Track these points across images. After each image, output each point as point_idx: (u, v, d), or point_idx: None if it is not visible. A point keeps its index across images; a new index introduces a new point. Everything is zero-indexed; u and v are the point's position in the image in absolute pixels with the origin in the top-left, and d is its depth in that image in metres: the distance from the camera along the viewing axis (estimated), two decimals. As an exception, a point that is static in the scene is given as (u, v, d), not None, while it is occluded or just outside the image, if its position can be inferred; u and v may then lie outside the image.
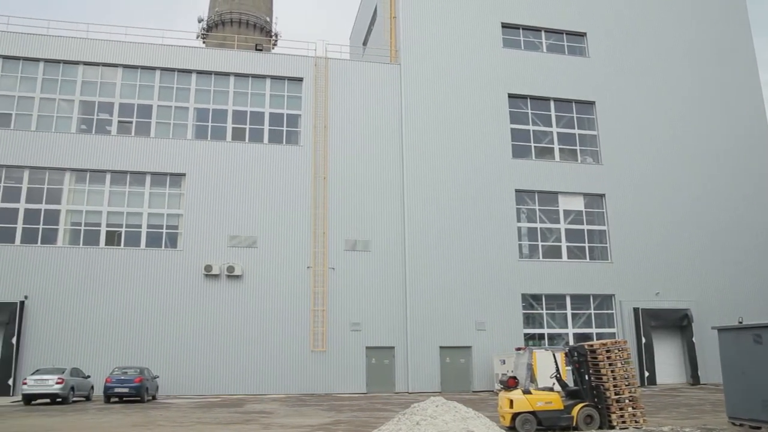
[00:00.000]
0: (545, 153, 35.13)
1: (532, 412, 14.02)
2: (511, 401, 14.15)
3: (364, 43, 43.59)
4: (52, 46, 31.87)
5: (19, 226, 29.76)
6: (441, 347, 30.74)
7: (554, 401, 14.26)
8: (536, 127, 35.22)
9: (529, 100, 35.37)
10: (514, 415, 14.03)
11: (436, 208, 32.29)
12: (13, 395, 26.56)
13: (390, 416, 16.24)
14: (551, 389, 14.93)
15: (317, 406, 22.20)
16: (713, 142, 36.88)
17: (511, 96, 34.90)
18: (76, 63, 32.02)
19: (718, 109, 37.58)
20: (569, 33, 37.17)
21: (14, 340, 27.62)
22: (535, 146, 34.93)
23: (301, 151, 32.24)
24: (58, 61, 31.92)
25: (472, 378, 30.67)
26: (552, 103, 35.65)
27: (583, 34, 37.20)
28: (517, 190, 33.60)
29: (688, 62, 37.94)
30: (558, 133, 35.37)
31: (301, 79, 33.32)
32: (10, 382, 27.13)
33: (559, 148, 35.20)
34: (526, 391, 14.27)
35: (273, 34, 64.96)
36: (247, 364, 29.13)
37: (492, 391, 29.65)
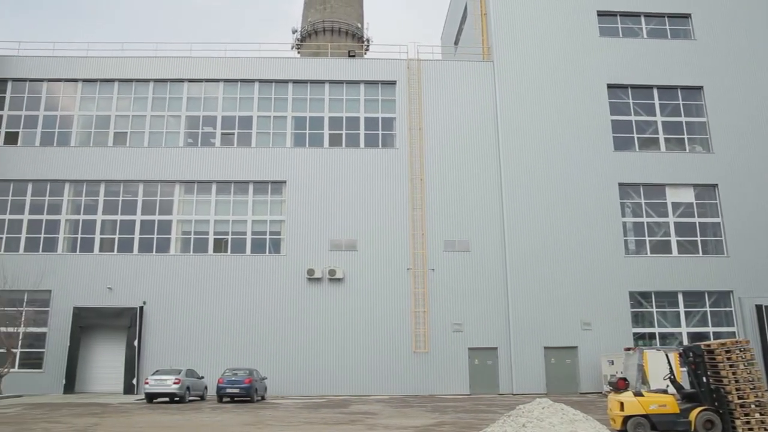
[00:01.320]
0: (649, 144, 33.54)
1: (645, 416, 13.35)
2: (622, 404, 13.54)
3: (456, 43, 43.35)
4: (160, 66, 33.84)
5: (137, 236, 31.76)
6: (545, 347, 30.01)
7: (669, 404, 13.49)
8: (639, 117, 33.69)
9: (630, 89, 33.89)
10: (626, 419, 13.43)
11: (536, 205, 31.58)
12: (137, 393, 28.37)
13: (495, 418, 15.99)
14: (665, 391, 14.13)
15: (421, 408, 22.23)
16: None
17: (610, 86, 33.59)
18: (182, 81, 33.81)
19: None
20: (672, 15, 35.31)
21: (136, 343, 29.54)
22: (638, 137, 33.42)
23: (397, 154, 32.47)
24: (165, 80, 33.83)
25: (579, 379, 29.73)
26: (655, 91, 33.99)
27: (687, 16, 35.23)
28: (620, 184, 32.26)
29: (807, 38, 35.08)
30: (663, 122, 33.68)
31: (394, 83, 33.58)
32: (134, 381, 29.05)
33: (665, 138, 33.49)
34: (638, 394, 13.62)
35: (365, 39, 65.90)
36: (350, 366, 29.64)
37: (600, 393, 28.60)
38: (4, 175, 32.45)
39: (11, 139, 33.45)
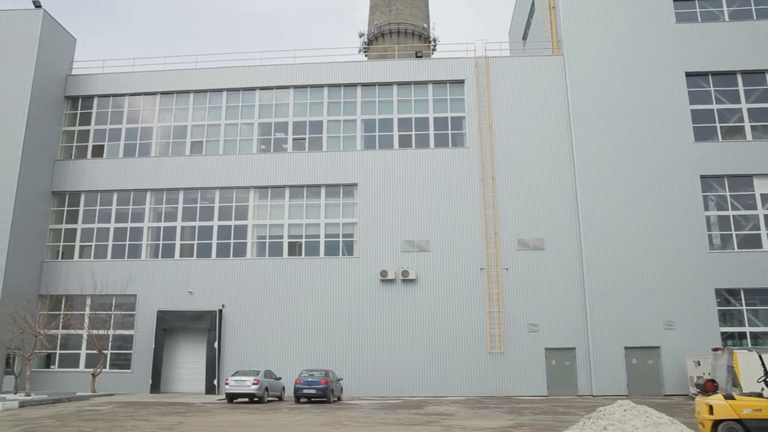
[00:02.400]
0: (734, 133, 31.86)
1: (738, 420, 12.58)
2: (711, 407, 12.84)
3: (524, 38, 42.61)
4: (232, 76, 34.84)
5: (214, 241, 32.78)
6: (626, 347, 28.99)
7: (766, 408, 12.69)
8: (721, 106, 32.08)
9: (710, 76, 32.31)
10: (716, 423, 12.73)
11: (612, 200, 30.55)
12: (218, 394, 29.25)
13: (574, 420, 15.60)
14: (760, 395, 13.24)
15: (497, 409, 21.94)
16: None
17: (689, 74, 32.14)
18: (253, 89, 34.68)
19: None
20: (757, -5, 33.41)
21: (216, 345, 30.47)
22: (721, 126, 31.81)
23: (468, 153, 32.19)
24: (237, 89, 34.80)
25: (662, 380, 28.57)
26: (739, 77, 32.24)
27: (773, -4, 33.28)
28: (702, 176, 30.79)
29: None
30: (749, 109, 31.92)
31: (462, 81, 33.32)
32: (215, 382, 29.98)
33: (751, 126, 31.72)
34: (729, 396, 12.85)
35: (431, 39, 65.74)
36: (425, 367, 29.58)
37: (686, 395, 27.41)
38: (91, 186, 34.20)
39: (97, 152, 35.23)
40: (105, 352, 30.03)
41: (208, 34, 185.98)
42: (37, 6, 34.16)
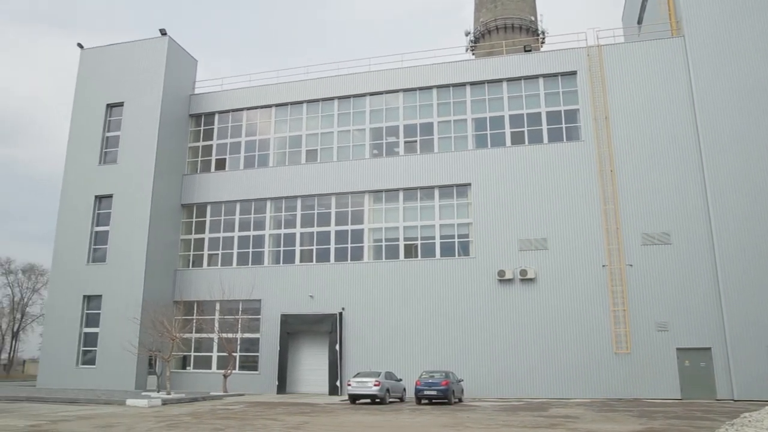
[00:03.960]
0: None
1: None
2: None
3: (639, 22, 40.47)
4: (342, 84, 35.65)
5: (332, 246, 33.63)
6: (770, 347, 26.73)
7: None
8: None
9: None
10: None
11: (746, 188, 28.19)
12: (340, 395, 29.93)
13: (713, 426, 14.58)
14: None
15: (626, 412, 20.91)
16: None
17: (832, 47, 29.26)
18: (363, 95, 35.32)
19: None
20: None
21: (337, 347, 31.21)
22: None
23: (584, 146, 31.04)
24: (348, 96, 35.58)
25: (816, 382, 26.07)
26: None
27: None
28: None
29: None
30: None
31: (574, 73, 32.21)
32: (338, 383, 30.69)
33: None
34: None
35: (540, 32, 64.06)
36: (547, 367, 28.76)
37: None
38: (216, 197, 36.19)
39: (220, 165, 37.25)
40: (234, 354, 31.60)
41: (313, 44, 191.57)
42: (163, 33, 36.61)
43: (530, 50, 34.35)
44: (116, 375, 31.87)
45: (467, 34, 65.90)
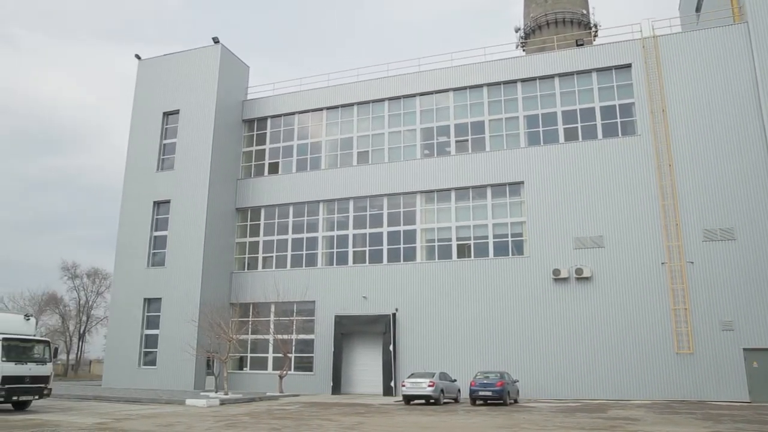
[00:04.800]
0: None
1: None
2: None
3: (697, 10, 39.11)
4: (392, 85, 35.70)
5: (385, 247, 33.68)
6: None
7: None
8: None
9: None
10: None
11: (816, 180, 26.96)
12: (395, 395, 29.91)
13: (784, 426, 13.90)
14: None
15: (689, 415, 20.18)
16: None
17: None
18: (413, 95, 35.26)
19: None
20: None
21: (391, 348, 31.23)
22: None
23: (640, 141, 30.20)
24: (398, 97, 35.59)
25: None
26: None
27: None
28: None
29: None
30: None
31: (629, 66, 31.37)
32: (392, 383, 30.70)
33: None
34: None
35: (592, 25, 62.69)
36: (605, 368, 28.07)
37: None
38: (270, 201, 36.76)
39: (273, 169, 37.82)
40: (289, 355, 31.98)
41: (356, 46, 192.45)
42: (216, 42, 37.41)
43: (582, 44, 33.64)
44: (176, 375, 32.71)
45: (517, 30, 65.06)
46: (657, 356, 27.47)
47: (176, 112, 37.40)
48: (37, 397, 21.16)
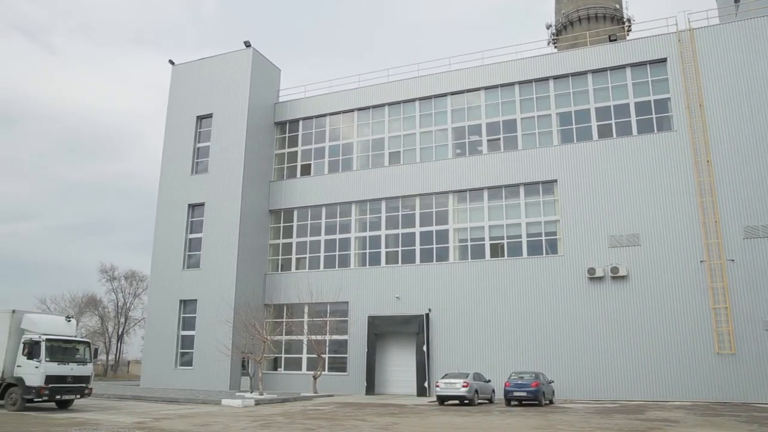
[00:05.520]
0: None
1: None
2: None
3: (736, 0, 38.21)
4: (423, 85, 35.61)
5: (417, 247, 33.62)
6: None
7: None
8: None
9: None
10: None
11: None
12: (429, 396, 29.82)
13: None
14: None
15: (732, 417, 19.66)
16: None
17: None
18: (444, 95, 35.13)
19: None
20: None
21: (425, 348, 31.14)
22: None
23: (676, 137, 29.60)
24: (429, 97, 35.48)
25: None
26: None
27: None
28: None
29: None
30: None
31: (664, 60, 30.78)
32: (426, 384, 30.61)
33: None
34: None
35: (625, 20, 61.70)
36: (642, 368, 27.55)
37: None
38: (302, 202, 36.99)
39: (305, 170, 38.06)
40: (323, 355, 32.12)
41: (385, 47, 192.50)
42: (247, 45, 37.79)
43: (615, 39, 33.10)
44: (211, 376, 33.12)
45: (548, 27, 64.47)
46: (697, 356, 26.87)
47: (209, 115, 37.89)
48: (78, 396, 21.68)
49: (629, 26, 59.49)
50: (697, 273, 27.72)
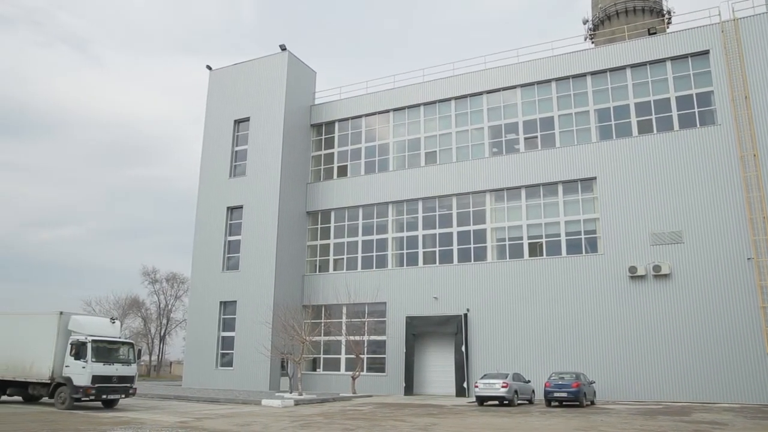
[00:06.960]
0: None
1: None
2: None
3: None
4: (458, 84, 35.42)
5: (455, 247, 33.45)
6: None
7: None
8: None
9: None
10: None
11: None
12: (468, 396, 29.61)
13: None
14: None
15: (783, 417, 19.04)
16: None
17: None
18: (480, 94, 34.88)
19: None
20: None
21: (463, 348, 30.95)
22: None
23: (720, 131, 28.81)
24: (465, 96, 35.27)
25: None
26: None
27: None
28: None
29: None
30: None
31: (707, 52, 30.00)
32: (465, 384, 30.42)
33: None
34: None
35: (665, 12, 60.27)
36: (687, 369, 26.87)
37: None
38: (339, 204, 37.15)
39: (342, 172, 38.21)
40: (362, 356, 32.18)
41: (418, 47, 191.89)
42: (283, 49, 38.12)
43: (655, 33, 32.40)
44: (251, 376, 33.47)
45: (585, 22, 63.39)
46: (745, 357, 26.08)
47: (246, 119, 38.33)
48: (123, 395, 22.14)
49: (669, 19, 58.14)
50: (744, 271, 26.92)
